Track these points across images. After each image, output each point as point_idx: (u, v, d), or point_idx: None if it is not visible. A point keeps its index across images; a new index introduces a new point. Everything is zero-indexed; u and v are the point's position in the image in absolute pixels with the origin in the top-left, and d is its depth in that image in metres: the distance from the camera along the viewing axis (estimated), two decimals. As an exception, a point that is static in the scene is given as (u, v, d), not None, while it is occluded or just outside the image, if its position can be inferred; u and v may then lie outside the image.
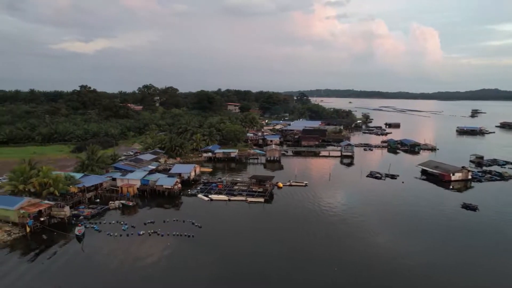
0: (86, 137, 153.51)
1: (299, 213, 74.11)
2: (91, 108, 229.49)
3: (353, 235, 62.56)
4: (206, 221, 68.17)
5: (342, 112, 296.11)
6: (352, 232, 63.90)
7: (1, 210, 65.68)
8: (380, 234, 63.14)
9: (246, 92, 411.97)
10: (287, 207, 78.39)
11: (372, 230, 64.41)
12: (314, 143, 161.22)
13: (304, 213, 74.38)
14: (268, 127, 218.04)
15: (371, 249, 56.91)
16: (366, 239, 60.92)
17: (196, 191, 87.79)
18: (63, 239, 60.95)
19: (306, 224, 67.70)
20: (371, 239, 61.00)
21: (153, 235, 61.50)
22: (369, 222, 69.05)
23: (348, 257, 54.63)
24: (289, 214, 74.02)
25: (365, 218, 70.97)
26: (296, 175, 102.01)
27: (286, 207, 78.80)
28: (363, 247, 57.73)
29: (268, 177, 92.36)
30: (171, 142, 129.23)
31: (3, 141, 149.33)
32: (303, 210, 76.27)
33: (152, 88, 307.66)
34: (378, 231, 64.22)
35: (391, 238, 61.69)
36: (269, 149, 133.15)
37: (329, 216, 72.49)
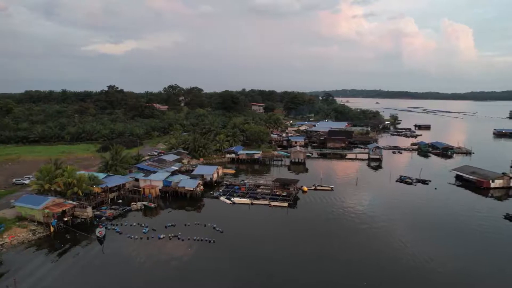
0: (112, 136, 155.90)
1: (324, 220, 70.76)
2: (118, 107, 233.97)
3: (383, 247, 58.54)
4: (228, 225, 66.09)
5: (369, 113, 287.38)
6: (382, 243, 59.87)
7: (27, 209, 66.52)
8: (413, 245, 58.64)
9: (270, 92, 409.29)
10: (312, 213, 75.15)
11: (403, 240, 60.05)
12: (340, 145, 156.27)
13: (330, 219, 70.95)
14: (292, 128, 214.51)
15: (403, 262, 52.89)
16: (398, 250, 56.86)
17: (218, 193, 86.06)
18: (85, 240, 60.71)
19: (332, 232, 64.34)
20: (403, 250, 56.82)
21: (173, 239, 60.08)
22: (399, 231, 64.68)
23: (376, 272, 50.88)
24: (314, 220, 70.80)
25: (396, 227, 66.61)
26: (321, 179, 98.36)
27: (311, 212, 75.56)
28: (394, 264, 53.72)
29: (292, 181, 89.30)
30: (194, 143, 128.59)
31: (35, 140, 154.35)
32: (329, 216, 72.79)
33: (177, 88, 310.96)
34: (409, 242, 59.77)
35: (424, 250, 57.08)
36: (294, 150, 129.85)
37: (357, 223, 68.60)
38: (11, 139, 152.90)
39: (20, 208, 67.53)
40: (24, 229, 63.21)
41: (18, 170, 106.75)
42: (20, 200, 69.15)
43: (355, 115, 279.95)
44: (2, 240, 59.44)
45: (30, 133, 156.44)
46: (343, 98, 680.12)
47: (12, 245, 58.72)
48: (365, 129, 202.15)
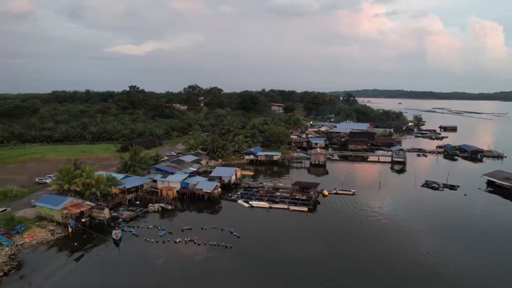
0: (132, 136, 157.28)
1: (346, 226, 67.84)
2: (139, 107, 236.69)
3: (409, 257, 55.16)
4: (245, 230, 64.19)
5: (391, 114, 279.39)
6: (408, 254, 56.47)
7: (47, 209, 66.91)
8: (442, 256, 54.95)
9: (290, 92, 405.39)
10: (333, 219, 72.28)
11: (430, 249, 56.50)
12: (362, 147, 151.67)
13: (351, 226, 67.95)
14: (312, 129, 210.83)
15: (431, 274, 49.47)
16: (424, 260, 53.38)
17: (236, 196, 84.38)
18: (102, 242, 60.26)
19: (354, 240, 61.40)
20: (429, 259, 53.32)
21: (189, 244, 58.72)
22: (426, 240, 60.88)
23: (400, 281, 47.74)
24: (335, 226, 68.01)
25: (422, 236, 62.85)
26: (342, 182, 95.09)
27: (332, 218, 72.70)
28: (421, 277, 50.36)
29: (312, 184, 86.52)
30: (213, 143, 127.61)
31: (59, 139, 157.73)
32: (350, 222, 69.76)
33: (197, 88, 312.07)
34: (438, 252, 56.09)
35: (458, 267, 53.32)
36: (314, 152, 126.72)
37: (380, 230, 65.35)
38: (36, 138, 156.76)
39: (40, 208, 68.07)
40: (43, 229, 63.53)
41: (42, 169, 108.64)
42: (40, 200, 69.73)
43: (377, 116, 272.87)
44: (22, 239, 59.88)
45: (54, 133, 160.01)
46: (365, 98, 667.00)
47: (31, 245, 59.03)
48: (387, 131, 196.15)
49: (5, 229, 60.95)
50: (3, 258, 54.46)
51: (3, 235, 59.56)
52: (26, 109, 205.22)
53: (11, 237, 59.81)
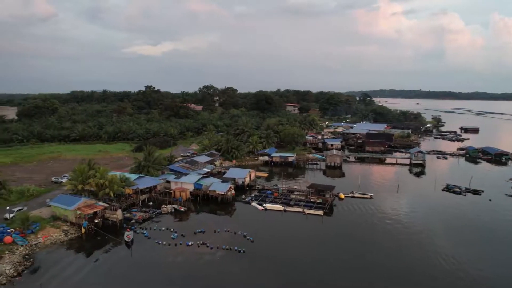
0: (147, 136, 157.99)
1: (363, 231, 65.39)
2: (155, 107, 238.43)
3: (429, 266, 52.41)
4: (259, 234, 62.68)
5: (409, 115, 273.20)
6: (428, 263, 53.70)
7: (61, 209, 67.00)
8: (464, 268, 52.07)
9: (305, 92, 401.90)
10: (349, 223, 69.95)
11: (452, 258, 53.65)
12: (379, 148, 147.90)
13: (369, 231, 65.47)
14: (328, 129, 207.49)
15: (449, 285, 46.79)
16: (443, 269, 50.61)
17: (250, 198, 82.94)
18: (114, 243, 59.81)
19: (371, 247, 58.97)
20: (449, 269, 50.52)
21: (202, 247, 57.56)
22: (450, 249, 57.88)
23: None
24: (352, 231, 65.67)
25: (445, 243, 59.90)
26: (359, 185, 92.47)
27: (348, 222, 70.38)
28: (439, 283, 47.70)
29: (328, 187, 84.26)
30: (227, 144, 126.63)
31: (76, 138, 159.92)
32: (368, 227, 67.27)
33: (212, 88, 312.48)
34: (461, 263, 53.20)
35: (481, 280, 50.37)
36: (330, 154, 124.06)
37: (399, 237, 62.71)
38: (54, 138, 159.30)
39: (55, 208, 68.28)
40: (57, 229, 63.57)
41: (58, 168, 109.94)
42: (55, 200, 69.97)
43: (395, 116, 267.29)
44: (36, 239, 60.01)
45: (71, 132, 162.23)
46: (381, 99, 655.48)
47: (45, 245, 59.09)
48: (405, 132, 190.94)
49: (20, 228, 61.28)
50: (18, 258, 54.62)
51: (18, 235, 59.83)
52: (46, 109, 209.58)
53: (26, 236, 60.06)
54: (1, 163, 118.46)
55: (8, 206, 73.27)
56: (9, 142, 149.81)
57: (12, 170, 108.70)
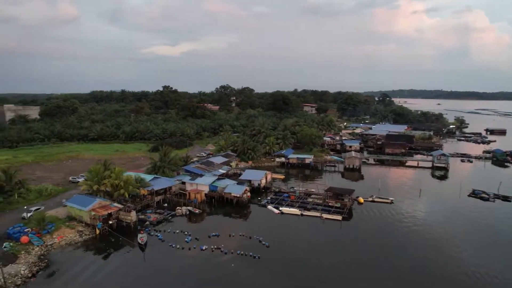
0: (164, 136, 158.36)
1: (384, 238, 62.45)
2: (172, 107, 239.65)
3: (456, 282, 49.22)
4: (275, 239, 60.77)
5: (431, 115, 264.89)
6: (454, 275, 50.49)
7: (76, 209, 66.94)
8: (494, 282, 48.63)
9: (323, 92, 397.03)
10: (369, 229, 66.99)
11: (481, 269, 50.20)
12: (399, 150, 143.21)
13: (390, 238, 62.52)
14: (346, 130, 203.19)
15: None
16: (470, 282, 47.34)
17: (266, 201, 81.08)
18: (128, 245, 59.13)
19: (393, 254, 56.13)
20: (478, 283, 47.20)
21: (216, 252, 56.08)
22: (478, 259, 54.38)
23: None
24: (372, 238, 62.80)
25: (472, 253, 56.35)
26: (379, 189, 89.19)
27: (368, 228, 67.44)
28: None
29: (347, 191, 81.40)
30: (243, 145, 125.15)
31: (94, 138, 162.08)
32: (389, 234, 64.29)
33: (228, 88, 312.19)
34: (493, 276, 49.72)
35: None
36: (348, 156, 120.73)
37: (423, 246, 59.36)
38: (74, 137, 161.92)
39: (70, 208, 68.33)
40: (72, 230, 63.49)
41: (76, 167, 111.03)
42: (70, 200, 70.05)
43: (415, 117, 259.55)
44: (51, 239, 60.03)
45: (90, 132, 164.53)
46: (401, 99, 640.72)
47: (59, 246, 59.01)
48: (427, 134, 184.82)
49: (37, 228, 61.42)
50: (33, 258, 54.61)
51: (34, 235, 59.96)
52: (66, 109, 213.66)
53: (42, 237, 60.15)
54: (23, 161, 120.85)
55: (26, 205, 74.15)
56: (31, 141, 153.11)
57: (32, 169, 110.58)
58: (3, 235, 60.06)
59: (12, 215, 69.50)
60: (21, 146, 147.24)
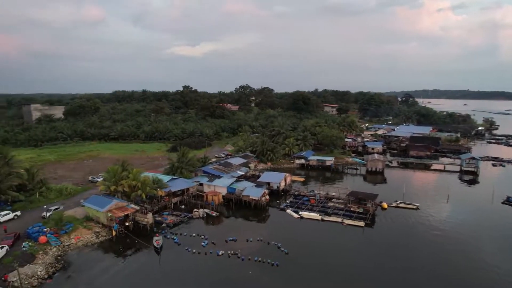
0: (183, 136, 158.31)
1: (408, 247, 58.95)
2: (192, 107, 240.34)
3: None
4: (294, 245, 58.34)
5: (457, 116, 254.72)
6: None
7: (93, 210, 66.63)
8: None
9: (344, 92, 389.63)
10: (393, 236, 63.56)
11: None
12: (424, 153, 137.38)
13: (416, 247, 58.86)
14: (368, 132, 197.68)
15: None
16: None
17: (285, 205, 78.69)
18: (144, 248, 58.08)
19: (419, 264, 52.58)
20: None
21: (233, 257, 54.20)
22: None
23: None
24: (395, 246, 59.46)
25: (508, 269, 52.12)
26: (404, 194, 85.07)
27: (392, 236, 64.00)
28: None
29: (370, 196, 77.91)
30: (262, 146, 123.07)
31: (115, 137, 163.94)
32: (414, 242, 60.64)
33: (248, 88, 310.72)
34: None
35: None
36: (371, 158, 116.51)
37: (453, 259, 55.53)
38: (95, 136, 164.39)
39: (88, 209, 68.15)
40: (89, 230, 63.11)
41: (96, 167, 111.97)
42: (88, 201, 69.91)
43: (441, 118, 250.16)
44: (69, 240, 59.81)
45: (111, 131, 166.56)
46: (424, 99, 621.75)
47: (76, 246, 58.71)
48: (454, 136, 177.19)
49: (55, 228, 61.40)
50: (50, 259, 54.39)
51: (52, 235, 59.90)
52: (89, 108, 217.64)
53: (59, 237, 60.03)
54: (46, 160, 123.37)
55: (46, 204, 74.70)
56: (55, 140, 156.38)
57: (54, 168, 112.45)
58: (23, 235, 60.39)
59: (33, 214, 70.09)
60: (46, 145, 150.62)
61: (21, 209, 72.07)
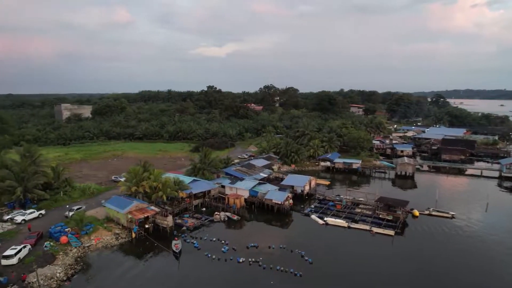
0: (206, 136, 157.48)
1: (444, 259, 54.26)
2: (216, 107, 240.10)
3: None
4: (319, 254, 55.14)
5: (494, 118, 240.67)
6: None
7: (114, 211, 65.99)
8: None
9: (371, 93, 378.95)
10: (426, 247, 58.82)
11: None
12: (458, 157, 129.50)
13: (452, 260, 54.21)
14: (397, 133, 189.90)
15: None
16: None
17: (309, 210, 75.32)
18: (163, 252, 56.61)
19: (457, 279, 48.00)
20: None
21: (253, 265, 51.62)
22: None
23: None
24: (429, 258, 54.87)
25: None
26: (436, 200, 79.64)
27: (425, 246, 59.25)
28: None
29: (400, 202, 73.17)
30: (286, 147, 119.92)
31: (139, 137, 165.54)
32: (451, 255, 55.88)
33: (272, 88, 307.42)
34: None
35: None
36: (401, 162, 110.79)
37: (494, 274, 50.48)
38: (120, 136, 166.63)
39: (108, 209, 67.57)
40: (109, 232, 62.34)
41: (120, 166, 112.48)
42: (109, 201, 69.40)
43: (475, 120, 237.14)
44: (89, 241, 59.20)
45: (135, 130, 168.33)
46: (456, 100, 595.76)
47: (96, 248, 57.96)
48: (491, 138, 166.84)
49: (76, 228, 61.06)
50: (70, 260, 53.82)
51: (73, 235, 59.52)
52: (115, 108, 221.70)
53: (80, 238, 59.58)
54: (73, 158, 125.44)
55: (69, 203, 75.03)
56: (82, 139, 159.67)
57: (80, 166, 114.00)
58: (46, 234, 60.43)
59: (57, 213, 70.32)
60: (73, 143, 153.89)
61: (46, 207, 72.56)
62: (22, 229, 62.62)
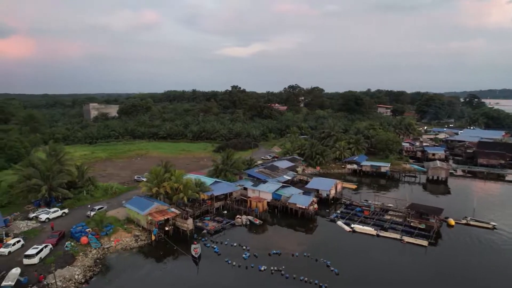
0: (230, 136, 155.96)
1: (484, 275, 49.39)
2: (239, 107, 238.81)
3: None
4: (345, 264, 51.68)
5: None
6: None
7: (134, 212, 65.08)
8: None
9: (399, 93, 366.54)
10: (463, 261, 54.11)
11: None
12: (497, 161, 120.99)
13: (493, 277, 49.14)
14: (427, 135, 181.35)
15: None
16: None
17: (335, 215, 71.64)
18: (182, 255, 54.85)
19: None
20: None
21: (276, 275, 48.81)
22: None
23: None
24: (467, 271, 50.55)
25: None
26: (474, 209, 73.85)
27: (462, 259, 54.47)
28: None
29: (434, 210, 68.16)
30: (311, 149, 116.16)
31: (163, 136, 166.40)
32: (492, 271, 50.78)
33: (297, 88, 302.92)
34: None
35: None
36: (433, 166, 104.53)
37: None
38: (145, 135, 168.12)
39: (129, 210, 66.77)
40: (129, 234, 61.37)
41: (143, 165, 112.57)
42: (130, 202, 68.60)
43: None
44: (108, 242, 58.40)
45: (160, 130, 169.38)
46: (491, 100, 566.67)
47: (115, 250, 57.07)
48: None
49: (97, 229, 60.46)
50: (89, 261, 53.09)
51: (93, 236, 58.91)
52: (140, 107, 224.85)
53: (100, 238, 58.89)
54: (98, 157, 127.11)
55: (91, 203, 75.00)
56: (108, 138, 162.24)
57: (105, 165, 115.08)
58: (68, 233, 60.22)
59: (79, 212, 70.35)
60: (99, 142, 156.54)
61: (69, 206, 72.85)
62: (45, 228, 62.87)
